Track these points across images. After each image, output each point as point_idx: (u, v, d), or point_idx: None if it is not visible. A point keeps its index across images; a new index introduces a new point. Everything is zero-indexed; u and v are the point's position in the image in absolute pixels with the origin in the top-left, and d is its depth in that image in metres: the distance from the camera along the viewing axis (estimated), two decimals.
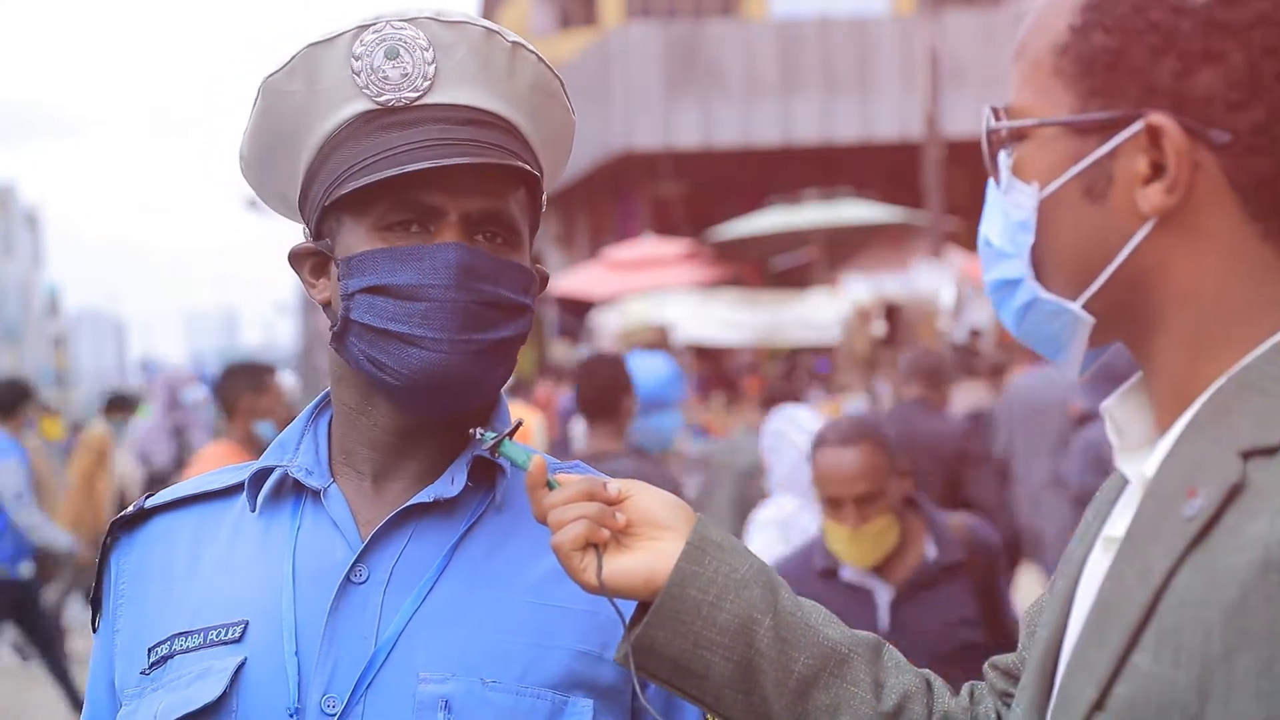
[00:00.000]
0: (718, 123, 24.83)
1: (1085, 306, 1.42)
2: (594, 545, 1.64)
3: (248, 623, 1.79)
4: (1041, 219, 1.43)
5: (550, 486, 1.68)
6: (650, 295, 20.04)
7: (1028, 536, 8.69)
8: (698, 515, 1.68)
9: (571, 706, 1.76)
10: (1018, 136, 1.45)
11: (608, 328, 20.94)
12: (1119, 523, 1.44)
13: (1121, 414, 1.47)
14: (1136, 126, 1.36)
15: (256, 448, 6.92)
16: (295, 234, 1.94)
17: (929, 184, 18.65)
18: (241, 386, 7.29)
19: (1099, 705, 1.31)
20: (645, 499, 1.68)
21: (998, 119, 1.48)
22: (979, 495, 7.01)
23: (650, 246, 23.37)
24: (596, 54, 26.54)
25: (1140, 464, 1.42)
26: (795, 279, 22.23)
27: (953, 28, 23.57)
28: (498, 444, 1.77)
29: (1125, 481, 1.49)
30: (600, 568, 1.63)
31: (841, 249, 21.32)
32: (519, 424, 1.81)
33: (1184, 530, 1.29)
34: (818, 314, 18.62)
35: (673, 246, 23.16)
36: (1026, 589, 12.13)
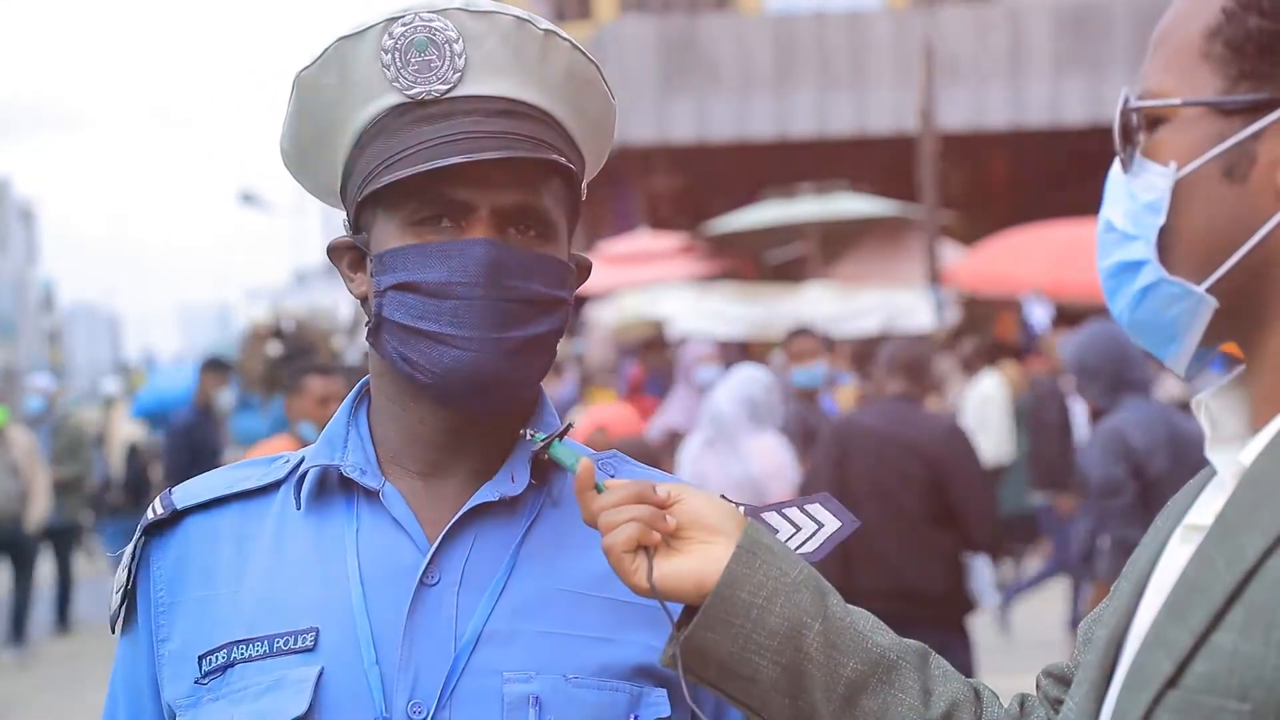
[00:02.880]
0: (712, 116, 24.82)
1: (1209, 290, 1.43)
2: (644, 548, 1.64)
3: (318, 630, 1.75)
4: (1175, 200, 1.43)
5: (598, 489, 1.68)
6: (645, 289, 20.03)
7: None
8: (748, 519, 1.68)
9: (648, 697, 1.75)
10: (1154, 119, 1.46)
11: (603, 321, 20.94)
12: (1204, 512, 1.45)
13: (1216, 406, 1.48)
14: None
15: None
16: (289, 230, 1.93)
17: (924, 178, 18.65)
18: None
19: (1173, 682, 1.32)
20: (695, 502, 1.67)
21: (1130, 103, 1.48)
22: (964, 497, 6.85)
23: (645, 240, 23.36)
24: (591, 48, 26.40)
25: (1233, 456, 1.43)
26: (790, 273, 22.22)
27: (947, 21, 23.57)
28: (547, 445, 1.76)
29: (1207, 477, 1.50)
30: (651, 570, 1.63)
31: (836, 243, 21.31)
32: (569, 426, 1.79)
33: None
34: (813, 307, 18.62)
35: (667, 240, 23.15)
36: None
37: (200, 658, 1.79)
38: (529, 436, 1.78)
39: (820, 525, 1.81)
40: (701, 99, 24.76)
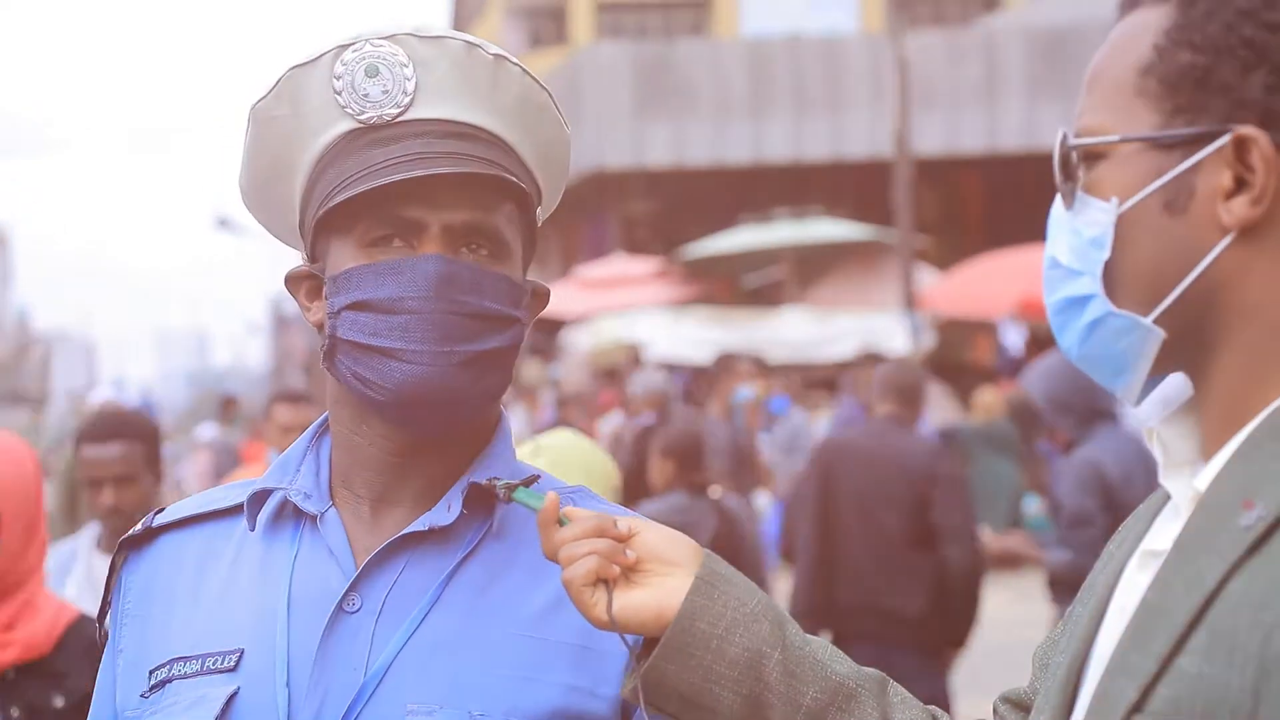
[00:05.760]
0: (688, 141, 24.88)
1: (1156, 322, 1.45)
2: (604, 581, 1.64)
3: (243, 651, 1.78)
4: (1118, 235, 1.45)
5: (561, 523, 1.68)
6: (621, 314, 20.06)
7: None
8: (705, 550, 1.69)
9: None
10: (1093, 156, 1.48)
11: (579, 346, 20.95)
12: (1160, 537, 1.46)
13: (1168, 434, 1.50)
14: (1223, 140, 1.40)
15: None
16: (266, 254, 1.94)
17: (899, 202, 18.71)
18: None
19: (1138, 707, 1.33)
20: (653, 535, 1.68)
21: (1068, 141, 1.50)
22: (946, 519, 6.85)
23: (621, 265, 23.39)
24: (567, 73, 26.55)
25: (1187, 481, 1.45)
26: (766, 297, 22.27)
27: (922, 46, 23.67)
28: (511, 492, 1.76)
29: (1163, 502, 1.51)
30: (611, 603, 1.63)
31: (812, 267, 21.37)
32: (536, 477, 1.79)
33: (1240, 539, 1.32)
34: (789, 332, 18.65)
35: (644, 265, 23.19)
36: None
37: (150, 672, 1.83)
38: (496, 485, 1.78)
39: None
40: (677, 123, 24.81)
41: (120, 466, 4.57)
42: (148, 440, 4.64)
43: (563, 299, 23.05)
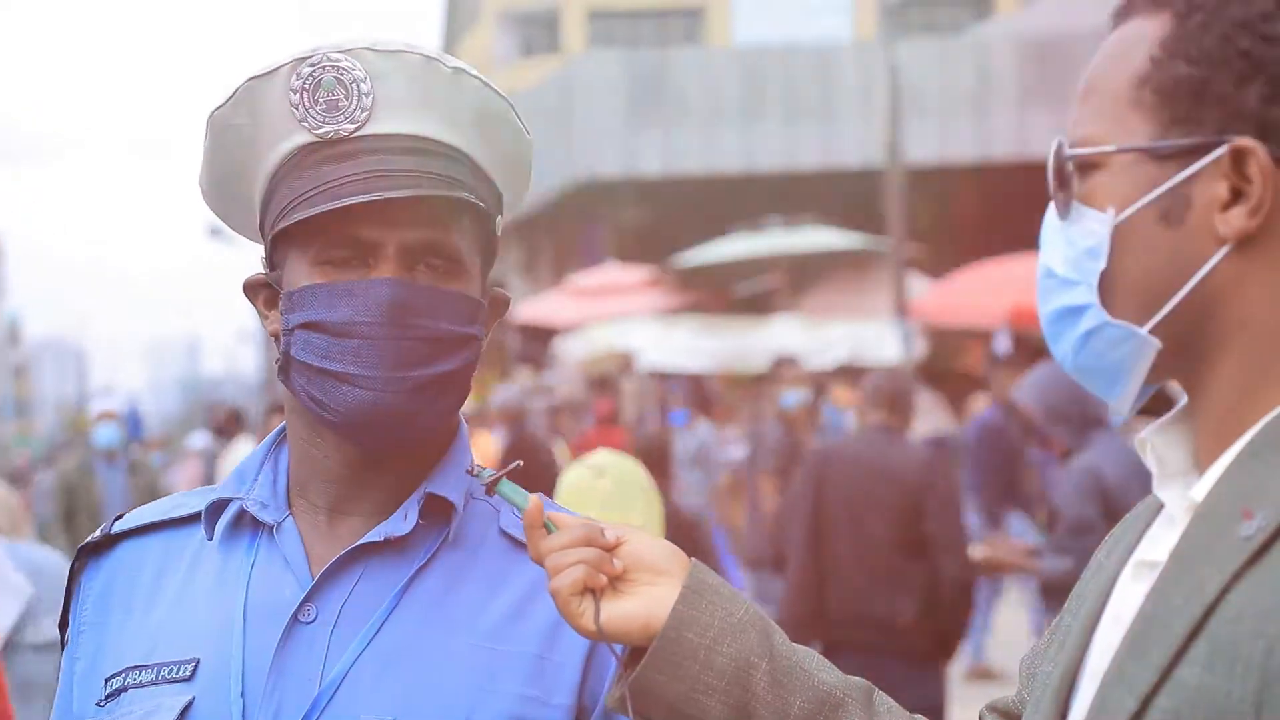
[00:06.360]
0: (680, 150, 24.90)
1: (1152, 332, 1.45)
2: (591, 590, 1.64)
3: (198, 661, 1.78)
4: (1114, 245, 1.46)
5: (548, 529, 1.67)
6: (613, 322, 20.05)
7: None
8: (692, 560, 1.69)
9: None
10: (1088, 166, 1.48)
11: (571, 355, 20.94)
12: (1155, 548, 1.46)
13: (1161, 443, 1.50)
14: (1220, 151, 1.40)
15: None
16: (258, 262, 1.94)
17: (891, 210, 18.71)
18: None
19: (1136, 718, 1.33)
20: (641, 544, 1.68)
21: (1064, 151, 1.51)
22: (938, 528, 6.85)
23: (613, 273, 23.39)
24: (560, 82, 26.58)
25: (1181, 491, 1.45)
26: (758, 306, 22.26)
27: (914, 55, 23.69)
28: (494, 483, 1.75)
29: (1154, 512, 1.51)
30: (598, 613, 1.63)
31: (804, 275, 21.37)
32: (518, 464, 1.79)
33: (1240, 549, 1.32)
34: (781, 340, 18.65)
35: (636, 273, 23.18)
36: None
37: (105, 680, 1.83)
38: (476, 472, 1.78)
39: None
40: (669, 132, 24.83)
41: None
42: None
43: (555, 307, 23.05)
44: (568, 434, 15.05)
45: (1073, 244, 1.48)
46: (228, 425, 19.98)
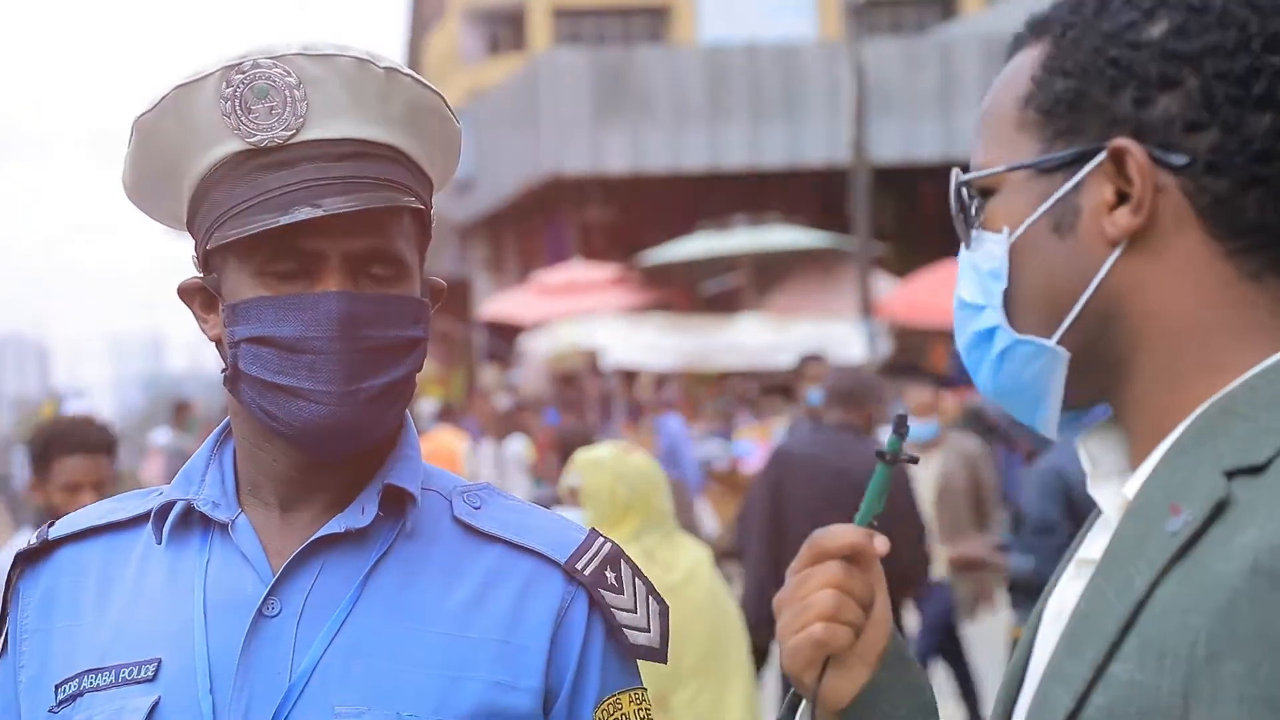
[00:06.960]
0: (646, 148, 24.90)
1: (1060, 343, 1.47)
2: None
3: (160, 660, 1.77)
4: (1013, 263, 1.49)
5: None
6: (579, 320, 20.06)
7: None
8: (890, 625, 1.67)
9: None
10: (986, 192, 1.51)
11: (537, 352, 20.94)
12: (1093, 546, 1.48)
13: (1095, 445, 1.52)
14: (1101, 155, 1.43)
15: None
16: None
17: (856, 209, 18.76)
18: None
19: (1073, 716, 1.34)
20: (882, 623, 1.66)
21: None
22: (891, 529, 6.82)
23: (579, 271, 23.40)
24: (525, 79, 26.56)
25: (1115, 490, 1.47)
26: (724, 304, 22.31)
27: (879, 54, 23.75)
28: (896, 454, 1.69)
29: (1099, 513, 1.53)
30: (821, 678, 1.61)
31: (770, 274, 21.42)
32: (903, 417, 1.66)
33: (1167, 545, 1.33)
34: (746, 339, 18.68)
35: (601, 271, 23.20)
36: None
37: (56, 686, 1.82)
38: (886, 444, 1.68)
39: (650, 623, 1.86)
40: (635, 130, 24.84)
41: (100, 472, 4.94)
42: (114, 451, 4.98)
43: (520, 304, 23.04)
44: (531, 430, 15.05)
45: (977, 269, 1.51)
46: (178, 416, 20.01)
